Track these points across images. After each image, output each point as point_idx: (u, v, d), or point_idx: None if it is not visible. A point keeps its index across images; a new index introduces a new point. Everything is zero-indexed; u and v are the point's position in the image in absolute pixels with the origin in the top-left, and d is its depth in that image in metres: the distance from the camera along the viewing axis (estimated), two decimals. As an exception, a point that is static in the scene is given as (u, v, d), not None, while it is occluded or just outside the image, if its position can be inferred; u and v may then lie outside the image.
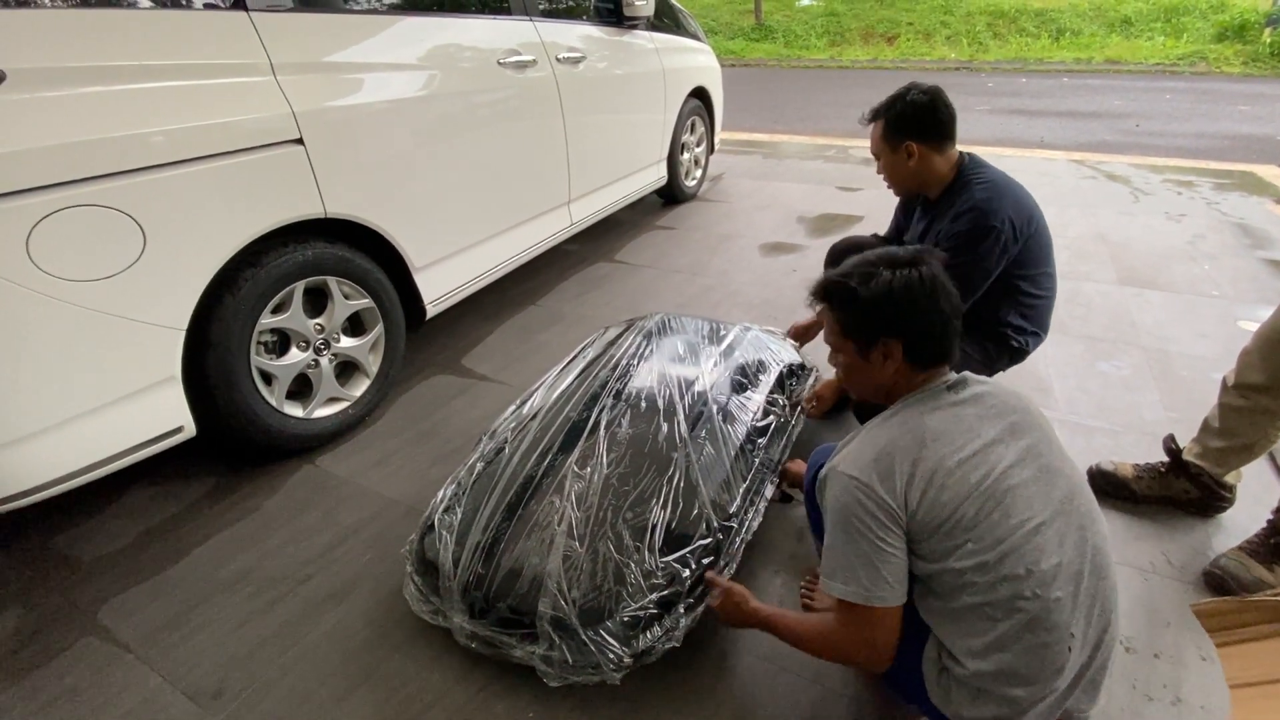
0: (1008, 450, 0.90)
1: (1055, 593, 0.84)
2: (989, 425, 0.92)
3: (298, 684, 1.25)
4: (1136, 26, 10.81)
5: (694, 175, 4.13)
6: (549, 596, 1.17)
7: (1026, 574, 0.84)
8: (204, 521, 1.66)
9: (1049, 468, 0.92)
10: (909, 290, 0.94)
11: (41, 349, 1.30)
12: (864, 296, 0.96)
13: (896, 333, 0.96)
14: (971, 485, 0.87)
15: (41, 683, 1.27)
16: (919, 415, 0.93)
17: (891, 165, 1.60)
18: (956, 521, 0.86)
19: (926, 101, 1.50)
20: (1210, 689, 1.17)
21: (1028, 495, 0.88)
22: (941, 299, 0.96)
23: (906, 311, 0.95)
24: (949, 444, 0.89)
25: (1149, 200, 3.83)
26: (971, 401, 0.95)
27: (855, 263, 1.01)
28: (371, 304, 1.95)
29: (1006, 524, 0.86)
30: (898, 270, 0.96)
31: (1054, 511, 0.88)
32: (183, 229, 1.46)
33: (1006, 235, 1.48)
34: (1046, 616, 0.84)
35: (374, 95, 1.84)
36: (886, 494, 0.88)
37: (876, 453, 0.91)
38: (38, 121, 1.23)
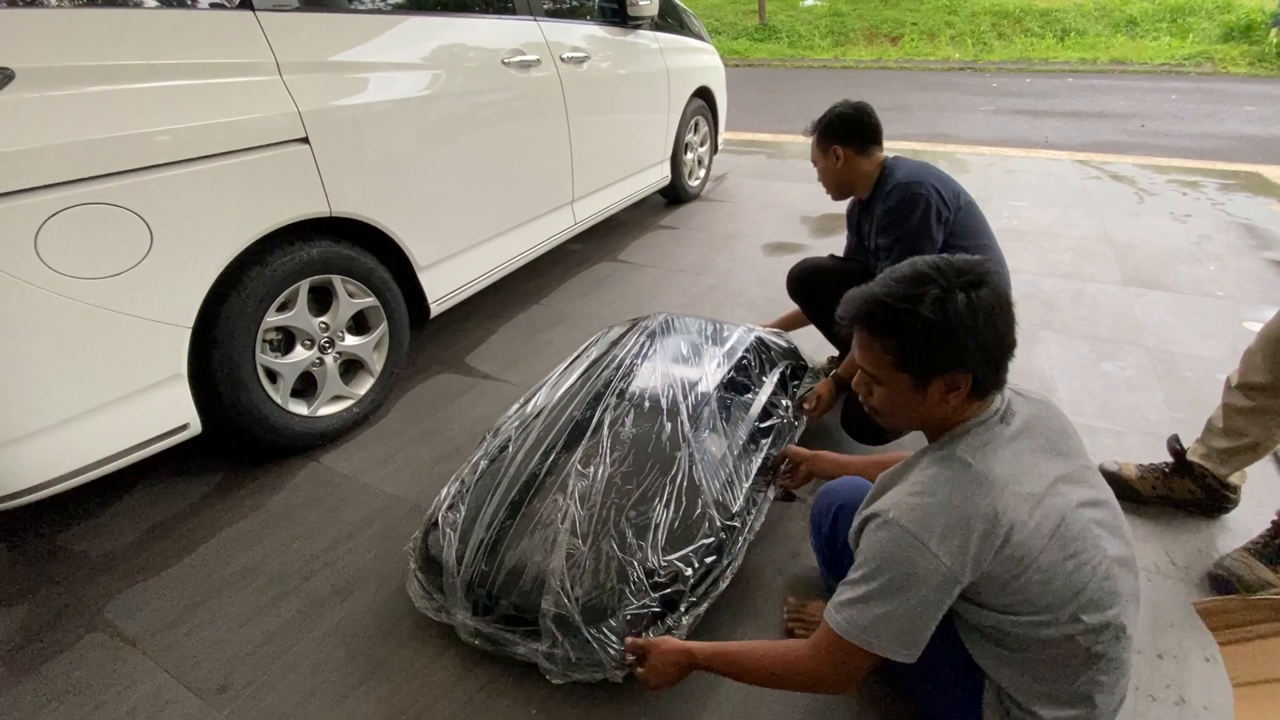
0: (1070, 489, 0.84)
1: (1129, 632, 0.83)
2: (1047, 460, 0.85)
3: (302, 680, 1.25)
4: (1142, 26, 10.77)
5: (697, 175, 4.13)
6: (552, 594, 1.18)
7: (1104, 625, 0.81)
8: (209, 518, 1.67)
9: (1103, 499, 0.87)
10: (989, 313, 0.81)
11: (49, 346, 1.31)
12: (941, 326, 0.80)
13: (968, 363, 0.82)
14: (1045, 537, 0.79)
15: (49, 677, 1.28)
16: (985, 463, 0.82)
17: (824, 169, 1.77)
18: (1030, 578, 0.79)
19: (851, 112, 1.71)
20: (1214, 689, 1.17)
21: (1095, 535, 0.83)
22: (1011, 320, 0.84)
23: (986, 339, 0.81)
24: (1018, 492, 0.80)
25: (1154, 201, 3.82)
26: (1025, 433, 0.86)
27: (910, 278, 0.84)
28: (376, 303, 1.96)
29: (1081, 573, 0.80)
30: (972, 292, 0.81)
31: (1120, 548, 0.85)
32: (189, 227, 1.47)
33: (935, 200, 1.60)
34: (1118, 655, 0.83)
35: (379, 95, 1.84)
36: (954, 565, 0.78)
37: (946, 515, 0.79)
38: (46, 120, 1.24)
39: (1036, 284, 2.78)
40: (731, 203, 4.08)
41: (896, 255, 1.59)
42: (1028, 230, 3.40)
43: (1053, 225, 3.47)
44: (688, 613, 1.20)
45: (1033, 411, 0.90)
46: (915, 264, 0.86)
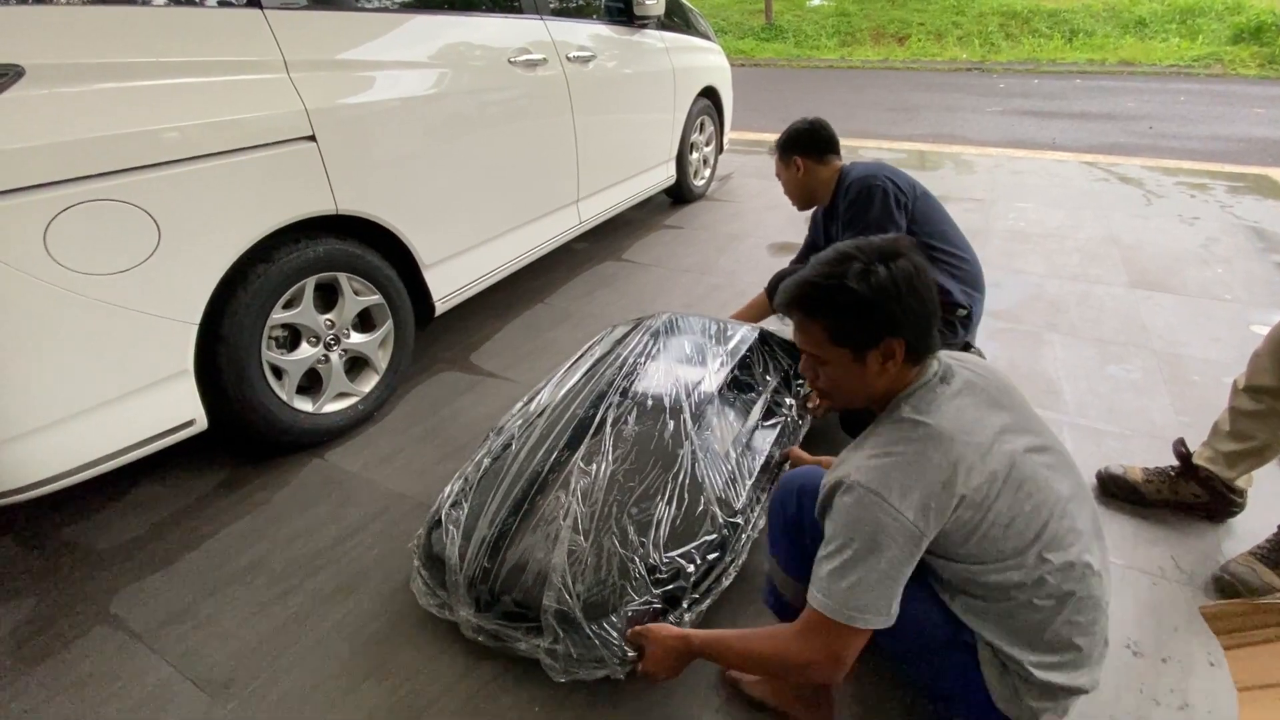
0: (1015, 437, 0.89)
1: (1096, 571, 0.88)
2: (990, 413, 0.90)
3: (306, 675, 1.26)
4: (1151, 28, 10.71)
5: (703, 175, 4.13)
6: (554, 590, 1.18)
7: (1069, 563, 0.86)
8: (215, 514, 1.67)
9: (1048, 444, 0.93)
10: (909, 281, 0.87)
11: (57, 341, 1.32)
12: (867, 296, 0.87)
13: (899, 330, 0.88)
14: (1000, 482, 0.84)
15: (54, 670, 1.29)
16: (933, 417, 0.87)
17: (787, 180, 1.89)
18: (991, 522, 0.84)
19: (807, 126, 1.84)
20: (1218, 694, 1.17)
21: (1046, 478, 0.88)
22: (932, 286, 0.91)
23: (911, 305, 0.87)
24: (968, 442, 0.85)
25: (1162, 203, 3.80)
26: (966, 391, 0.92)
27: (833, 259, 0.91)
28: (381, 300, 1.96)
29: (1040, 514, 0.85)
30: (890, 263, 0.88)
31: (1068, 494, 0.90)
32: (197, 224, 1.47)
33: (892, 190, 1.69)
34: (1090, 592, 0.87)
35: (385, 93, 1.85)
36: (917, 519, 0.81)
37: (905, 469, 0.83)
38: (56, 117, 1.24)
39: (1043, 286, 2.77)
40: (736, 203, 4.08)
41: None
42: (1034, 232, 3.38)
43: (1059, 227, 3.45)
44: (690, 609, 1.20)
45: (971, 373, 0.95)
46: (838, 247, 0.93)
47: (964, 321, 1.76)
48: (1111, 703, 1.16)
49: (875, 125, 6.32)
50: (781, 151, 1.86)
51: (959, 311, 1.73)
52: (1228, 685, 1.18)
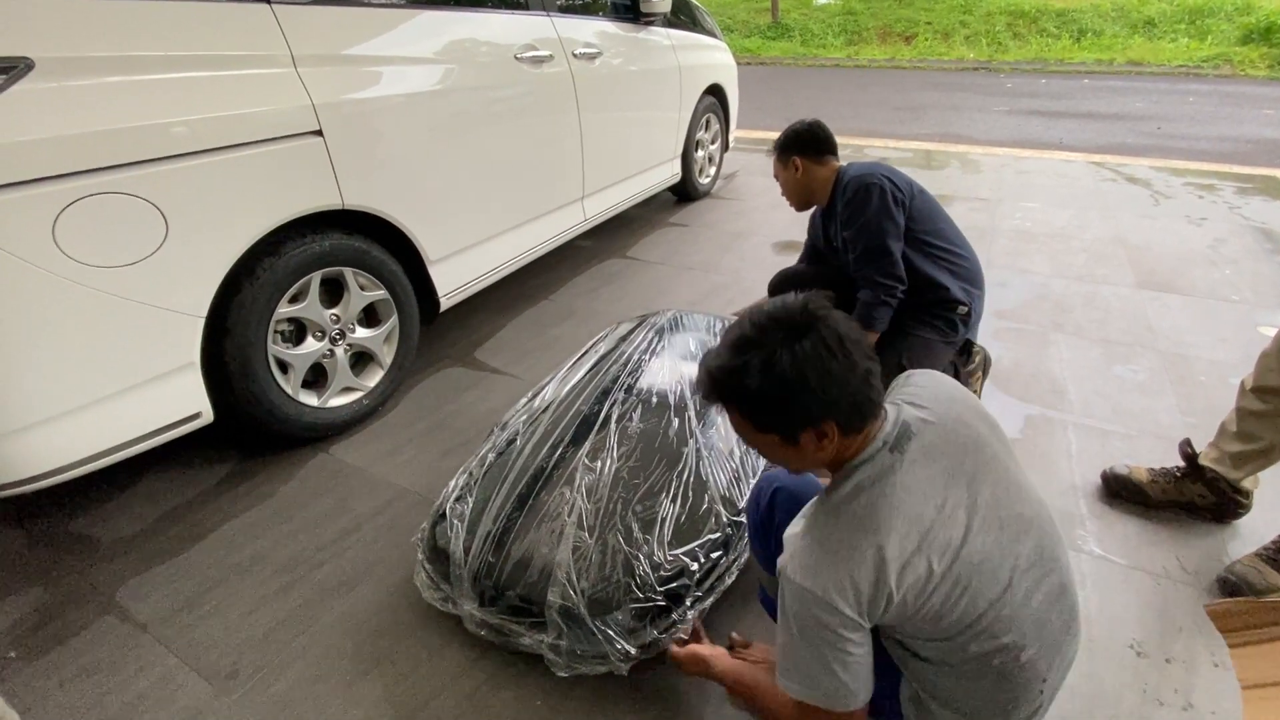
0: (969, 516, 0.81)
1: (1028, 654, 0.82)
2: (942, 486, 0.81)
3: (310, 667, 1.27)
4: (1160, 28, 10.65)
5: (708, 173, 4.12)
6: (558, 586, 1.18)
7: (999, 649, 0.81)
8: (220, 506, 1.68)
9: (1012, 519, 0.83)
10: (820, 363, 0.77)
11: (66, 334, 1.33)
12: (773, 393, 0.79)
13: (822, 417, 0.79)
14: (937, 575, 0.78)
15: (61, 660, 1.30)
16: (869, 506, 0.80)
17: (786, 180, 1.88)
18: (922, 615, 0.80)
19: (804, 127, 1.84)
20: (1222, 695, 1.16)
21: (993, 566, 0.80)
22: (855, 354, 0.79)
23: (828, 389, 0.78)
24: (906, 530, 0.78)
25: (1169, 204, 3.78)
26: (920, 459, 0.82)
27: (738, 340, 0.82)
28: (386, 295, 1.97)
29: (975, 606, 0.80)
30: (797, 343, 0.78)
31: (1023, 567, 0.82)
32: (204, 217, 1.48)
33: (889, 188, 1.69)
34: (1019, 674, 0.83)
35: (392, 88, 1.85)
36: (854, 613, 0.78)
37: (835, 564, 0.78)
38: (65, 110, 1.25)
39: (1048, 286, 2.76)
40: (741, 201, 4.07)
41: (864, 243, 1.70)
42: (1040, 232, 3.37)
43: (1066, 227, 3.44)
44: (693, 607, 1.20)
45: (935, 433, 0.85)
46: (742, 325, 0.84)
47: (964, 319, 1.75)
48: (1114, 703, 1.16)
49: (881, 124, 6.30)
50: (780, 152, 1.87)
51: (959, 309, 1.73)
52: (1232, 686, 1.17)
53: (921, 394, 0.91)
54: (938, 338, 1.73)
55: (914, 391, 0.92)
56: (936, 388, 0.93)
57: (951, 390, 0.93)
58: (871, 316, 1.69)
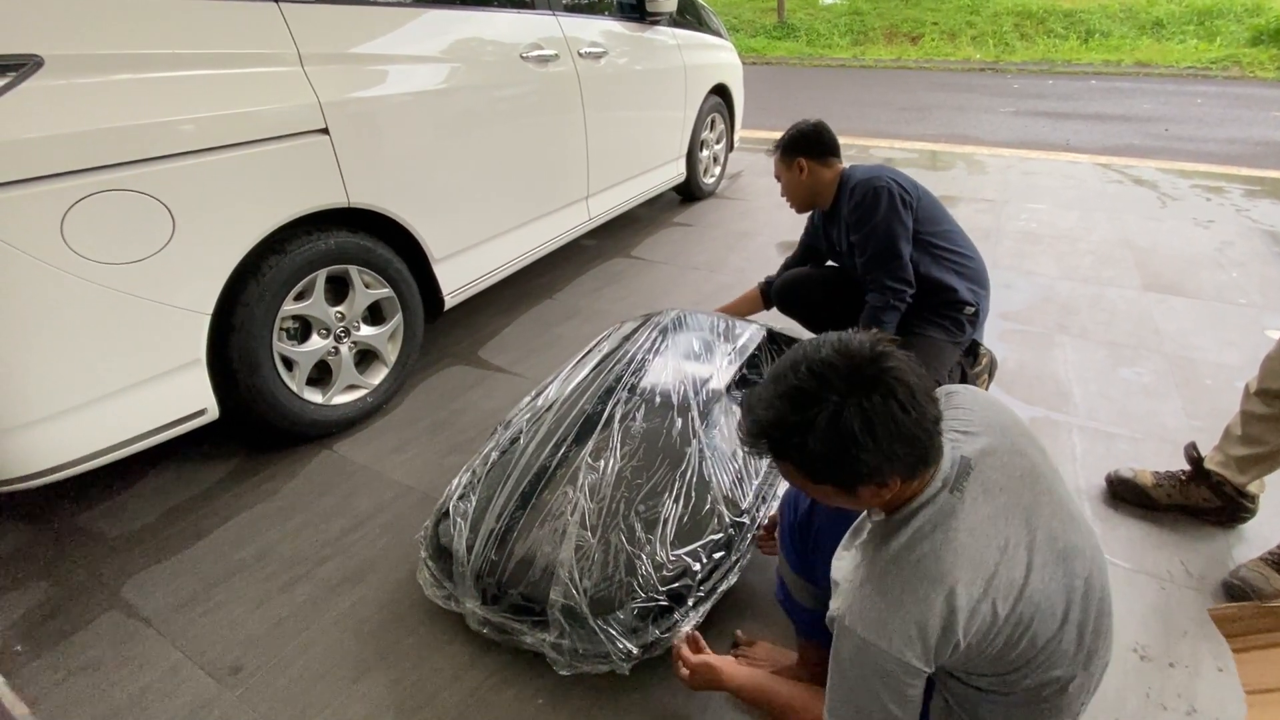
0: (1030, 554, 0.78)
1: (1076, 683, 0.81)
2: (1003, 524, 0.78)
3: (313, 663, 1.27)
4: (1168, 29, 10.59)
5: (713, 172, 4.12)
6: (561, 585, 1.19)
7: (1051, 680, 0.80)
8: (224, 502, 1.69)
9: (1067, 551, 0.80)
10: (892, 422, 0.71)
11: (73, 329, 1.34)
12: (837, 453, 0.72)
13: (890, 470, 0.74)
14: (1001, 618, 0.75)
15: (66, 654, 1.30)
16: (933, 553, 0.75)
17: (789, 181, 1.86)
18: (983, 653, 0.77)
19: (810, 127, 1.82)
20: (1226, 700, 1.16)
21: (1052, 603, 0.78)
22: (926, 404, 0.73)
23: (896, 448, 0.72)
24: (972, 576, 0.74)
25: (1177, 206, 3.76)
26: (981, 497, 0.78)
27: (795, 392, 0.74)
28: (391, 294, 1.97)
29: (1035, 644, 0.77)
30: (866, 399, 0.71)
31: (1078, 599, 0.80)
32: (211, 215, 1.49)
33: (897, 190, 1.69)
34: (1062, 701, 0.82)
35: (398, 87, 1.86)
36: (919, 661, 0.74)
37: (902, 617, 0.74)
38: (74, 107, 1.26)
39: (1054, 288, 2.75)
40: (746, 201, 4.07)
41: (874, 246, 1.69)
42: (1046, 234, 3.36)
43: (1072, 229, 3.42)
44: (695, 607, 1.21)
45: (993, 466, 0.81)
46: (798, 371, 0.75)
47: (972, 319, 1.75)
48: (1117, 706, 1.16)
49: (887, 125, 6.28)
50: (784, 153, 1.84)
51: (966, 309, 1.73)
52: (1236, 691, 1.17)
53: (971, 419, 0.86)
54: (946, 338, 1.73)
55: (962, 416, 0.87)
56: (985, 410, 0.88)
57: (1000, 412, 0.89)
58: (880, 320, 1.69)
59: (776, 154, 1.87)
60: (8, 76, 1.18)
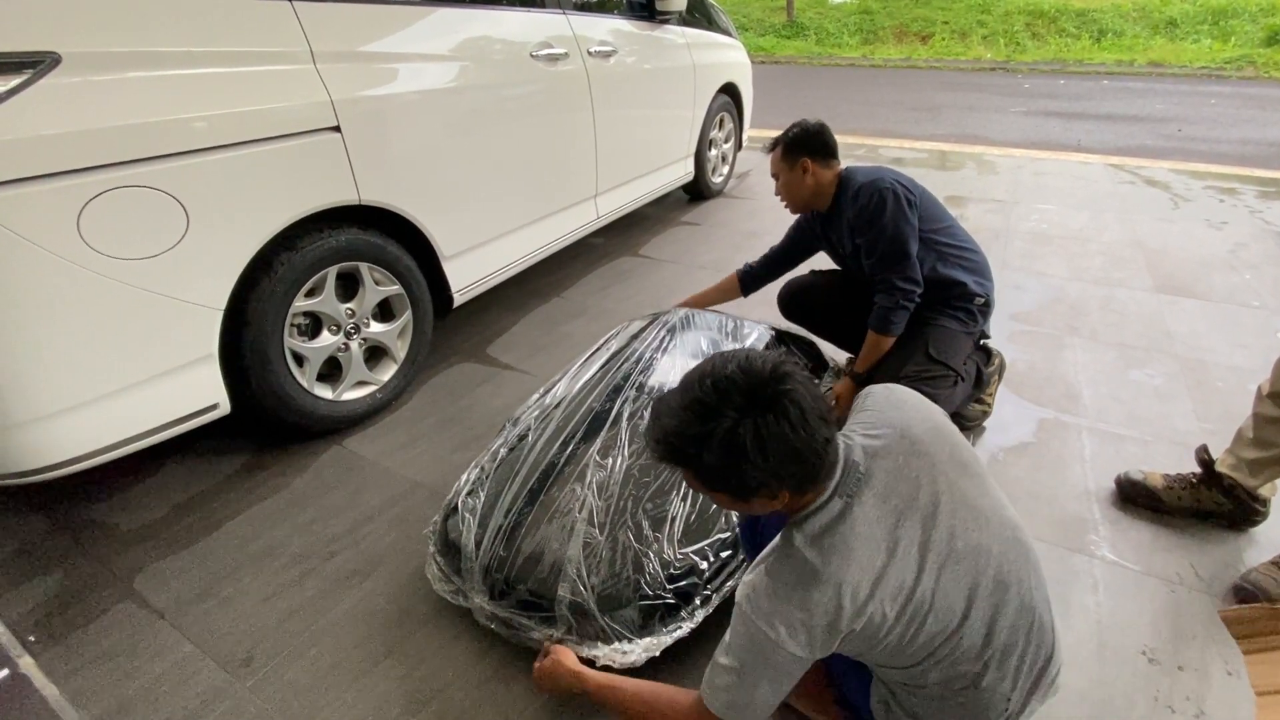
0: (923, 554, 0.80)
1: (989, 678, 0.82)
2: (893, 526, 0.80)
3: (323, 656, 1.28)
4: (1182, 29, 10.51)
5: (721, 172, 4.12)
6: (568, 582, 1.19)
7: (959, 675, 0.82)
8: (235, 496, 1.71)
9: (969, 550, 0.81)
10: (783, 440, 0.75)
11: (89, 324, 1.35)
12: (729, 465, 0.77)
13: (779, 485, 0.78)
14: (890, 618, 0.78)
15: (79, 645, 1.32)
16: (822, 553, 0.79)
17: (789, 182, 1.83)
18: (884, 646, 0.81)
19: (816, 128, 1.80)
20: (1235, 703, 1.15)
21: (949, 601, 0.80)
22: (815, 425, 0.77)
23: (785, 465, 0.76)
24: (859, 578, 0.77)
25: (1189, 207, 3.73)
26: (873, 500, 0.81)
27: (697, 406, 0.78)
28: (401, 291, 1.98)
29: (932, 641, 0.80)
30: (760, 417, 0.75)
31: (982, 596, 0.82)
32: (224, 211, 1.50)
33: (901, 191, 1.68)
34: (979, 698, 0.84)
35: (409, 85, 1.87)
36: (804, 652, 0.79)
37: (789, 610, 0.78)
38: (90, 104, 1.27)
39: (1064, 289, 2.74)
40: (754, 200, 4.07)
41: (882, 247, 1.68)
42: (1057, 234, 3.34)
43: (1083, 229, 3.40)
44: (702, 606, 1.21)
45: (887, 469, 0.83)
46: (703, 384, 0.79)
47: (982, 309, 1.75)
48: (1125, 710, 1.15)
49: (896, 124, 6.26)
50: (786, 151, 1.80)
51: (976, 300, 1.73)
52: (1245, 695, 1.17)
53: (875, 420, 0.90)
54: (959, 328, 1.72)
55: (869, 418, 0.91)
56: (890, 412, 0.91)
57: (907, 412, 0.91)
58: (890, 321, 1.68)
59: (776, 152, 1.84)
60: (25, 74, 1.20)
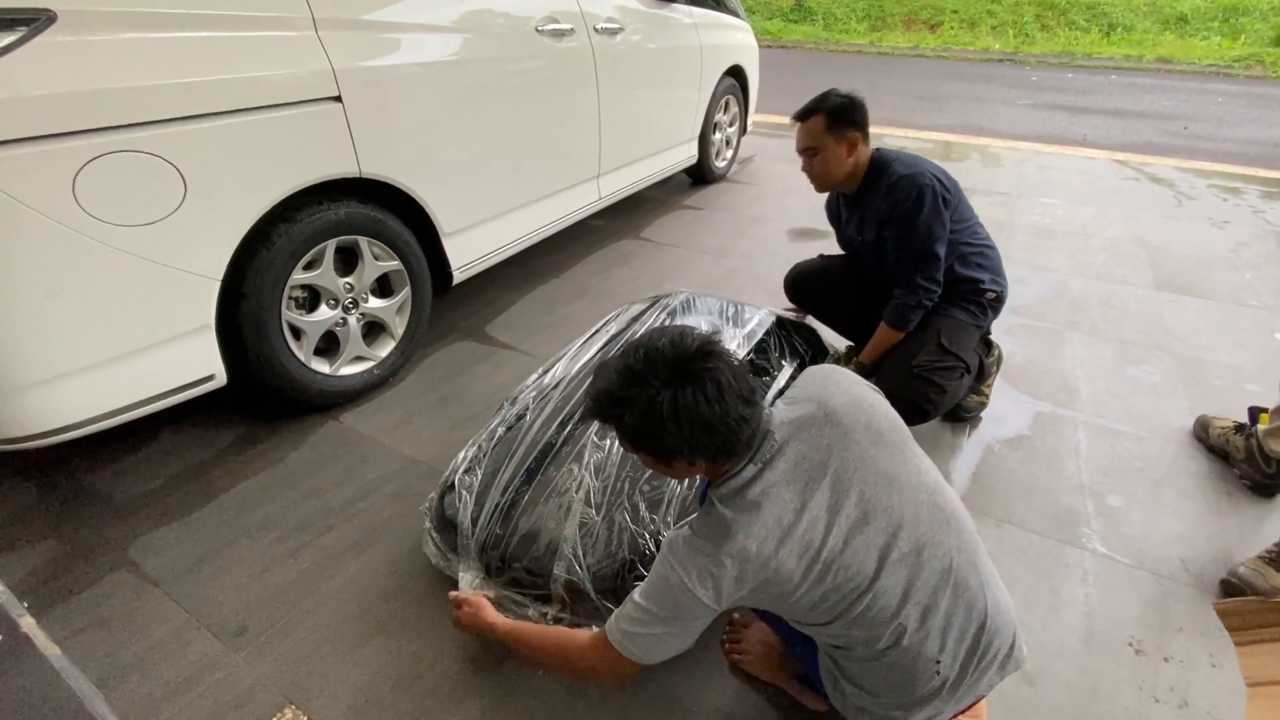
0: (831, 516, 0.85)
1: (912, 638, 0.86)
2: (801, 490, 0.86)
3: (318, 628, 1.29)
4: (1192, 25, 10.42)
5: (724, 156, 4.08)
6: (564, 560, 1.20)
7: (878, 636, 0.86)
8: (231, 469, 1.70)
9: (879, 513, 0.86)
10: (695, 411, 0.82)
11: (84, 290, 1.33)
12: (648, 431, 0.84)
13: (693, 451, 0.85)
14: (798, 573, 0.83)
15: (73, 611, 1.32)
16: (735, 511, 0.85)
17: (830, 157, 1.67)
18: (798, 602, 0.86)
19: (860, 98, 1.66)
20: (1218, 694, 1.17)
21: (858, 561, 0.84)
22: (730, 402, 0.83)
23: (697, 435, 0.83)
24: (765, 535, 0.83)
25: (1192, 205, 3.72)
26: (784, 466, 0.87)
27: (627, 371, 0.85)
28: (400, 266, 1.97)
29: (844, 598, 0.85)
30: (680, 389, 0.82)
31: (895, 558, 0.85)
32: (223, 180, 1.48)
33: (940, 190, 1.61)
34: (904, 658, 0.87)
35: (412, 56, 1.84)
36: (710, 600, 0.85)
37: (701, 562, 0.85)
38: (86, 65, 1.25)
39: (1066, 284, 2.73)
40: (757, 186, 4.04)
41: (912, 245, 1.63)
42: (1060, 229, 3.33)
43: (1086, 225, 3.39)
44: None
45: (802, 440, 0.89)
46: (636, 353, 0.86)
47: (993, 304, 1.74)
48: (1110, 699, 1.17)
49: (902, 113, 6.21)
50: (833, 122, 1.62)
51: (988, 294, 1.71)
52: (1229, 686, 1.19)
53: (797, 394, 0.98)
54: (970, 320, 1.70)
55: (795, 393, 0.99)
56: (813, 386, 0.98)
57: (832, 388, 0.97)
58: (906, 318, 1.66)
59: (814, 121, 1.65)
60: (19, 31, 1.17)
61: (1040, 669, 1.21)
